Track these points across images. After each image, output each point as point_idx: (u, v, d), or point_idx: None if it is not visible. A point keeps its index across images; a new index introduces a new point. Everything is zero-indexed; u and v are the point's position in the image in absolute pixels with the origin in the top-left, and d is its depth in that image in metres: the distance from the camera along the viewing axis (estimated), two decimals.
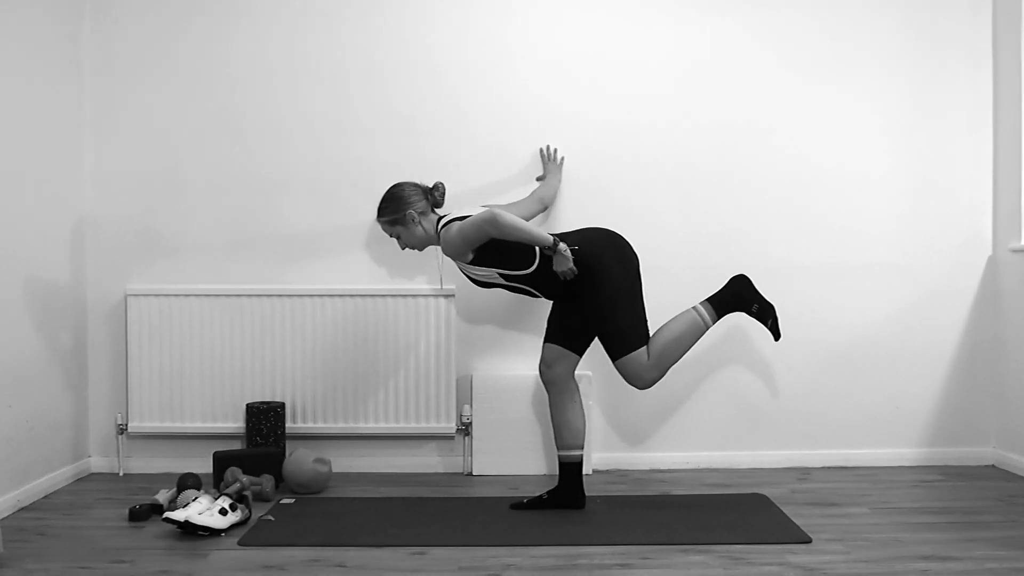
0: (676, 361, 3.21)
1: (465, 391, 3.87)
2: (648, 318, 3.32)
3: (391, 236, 3.35)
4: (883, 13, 3.89)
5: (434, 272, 3.85)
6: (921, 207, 3.92)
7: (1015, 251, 3.76)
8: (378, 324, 3.78)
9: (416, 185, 3.32)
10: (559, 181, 3.79)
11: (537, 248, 3.16)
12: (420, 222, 3.28)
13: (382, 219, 3.31)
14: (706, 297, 3.28)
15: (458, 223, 3.17)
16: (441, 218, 3.30)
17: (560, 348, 3.28)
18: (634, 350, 3.15)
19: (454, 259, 3.23)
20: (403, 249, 3.38)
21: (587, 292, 3.15)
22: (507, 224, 3.03)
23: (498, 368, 3.88)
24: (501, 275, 3.20)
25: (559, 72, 3.87)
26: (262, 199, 3.87)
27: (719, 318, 3.24)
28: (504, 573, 2.61)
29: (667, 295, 3.88)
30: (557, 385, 3.28)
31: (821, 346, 3.91)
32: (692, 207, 3.89)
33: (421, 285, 3.84)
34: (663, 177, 3.89)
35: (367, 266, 3.87)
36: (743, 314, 3.88)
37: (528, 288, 3.24)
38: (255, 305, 3.78)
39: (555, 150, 3.82)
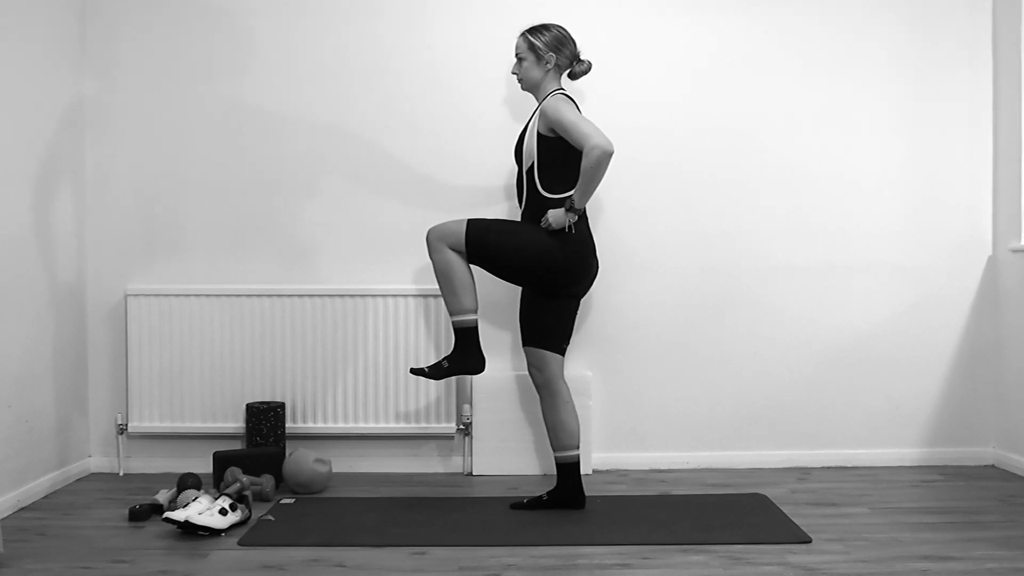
0: (434, 268, 3.18)
1: (465, 391, 3.87)
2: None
3: (517, 55, 3.30)
4: (883, 13, 3.89)
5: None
6: (921, 207, 3.92)
7: (1015, 251, 3.76)
8: (378, 324, 3.78)
9: (574, 43, 3.31)
10: None
11: (567, 194, 3.17)
12: (549, 71, 3.27)
13: (528, 36, 3.27)
14: (475, 327, 3.19)
15: (577, 112, 3.12)
16: (562, 88, 3.28)
17: (540, 350, 3.28)
18: (466, 237, 3.15)
19: (540, 118, 3.18)
20: (512, 73, 3.34)
21: (536, 227, 3.18)
22: (603, 166, 2.99)
23: (498, 368, 3.88)
24: (533, 167, 3.19)
25: None
26: (262, 199, 3.87)
27: (455, 330, 3.19)
28: (504, 573, 2.61)
29: (667, 295, 3.89)
30: (548, 387, 3.28)
31: (821, 346, 3.91)
32: (692, 207, 3.89)
33: (422, 285, 3.84)
34: (663, 177, 3.89)
35: (367, 266, 3.87)
36: (747, 312, 3.89)
37: (522, 195, 3.26)
38: (255, 305, 3.78)
39: None
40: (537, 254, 3.14)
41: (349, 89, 3.86)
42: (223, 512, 2.98)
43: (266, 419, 3.66)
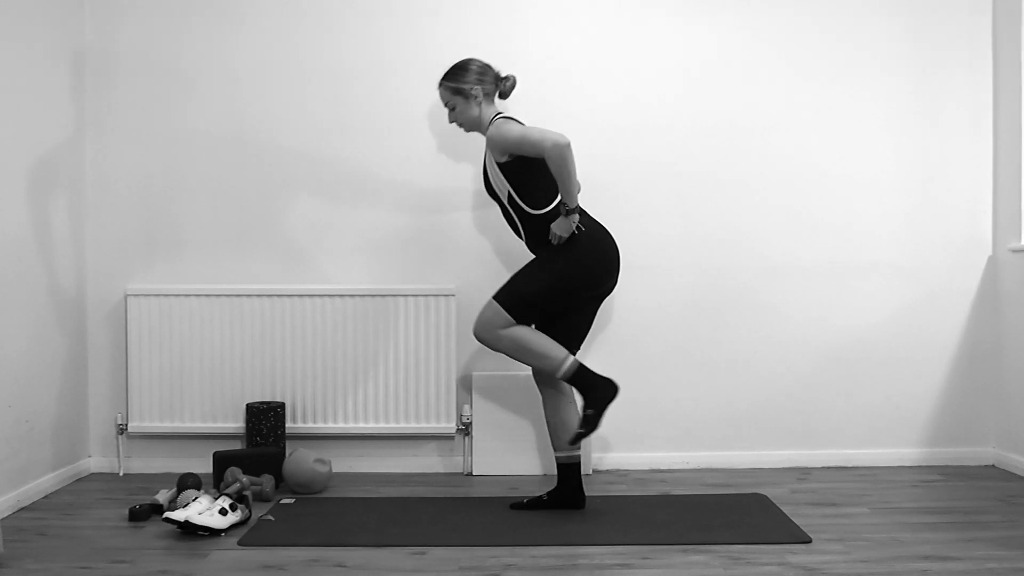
0: (508, 356, 3.17)
1: (465, 391, 3.87)
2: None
3: (446, 105, 3.28)
4: (883, 13, 3.89)
5: (435, 272, 3.85)
6: (921, 207, 3.93)
7: (1015, 251, 3.76)
8: (378, 324, 3.78)
9: (491, 67, 3.27)
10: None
11: (555, 201, 3.15)
12: (481, 103, 3.24)
13: (447, 83, 3.24)
14: (581, 363, 3.15)
15: (520, 125, 3.12)
16: (500, 112, 3.27)
17: None
18: (505, 310, 3.12)
19: (491, 151, 3.16)
20: (451, 123, 3.30)
21: (548, 255, 3.15)
22: (568, 159, 2.98)
23: (498, 368, 3.88)
24: (510, 197, 3.18)
25: (559, 73, 3.87)
26: (262, 199, 3.87)
27: (567, 381, 3.14)
28: (504, 573, 2.61)
29: (666, 295, 3.89)
30: (550, 387, 3.28)
31: (821, 346, 3.91)
32: (692, 207, 3.89)
33: (421, 285, 3.84)
34: (663, 177, 3.89)
35: (367, 266, 3.88)
36: (746, 312, 3.89)
37: (519, 224, 3.23)
38: (255, 305, 3.78)
39: None
40: (569, 275, 3.13)
41: (349, 89, 3.86)
42: (223, 512, 2.98)
43: (266, 419, 3.66)
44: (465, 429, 3.82)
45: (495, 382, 3.79)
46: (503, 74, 3.31)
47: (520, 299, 3.13)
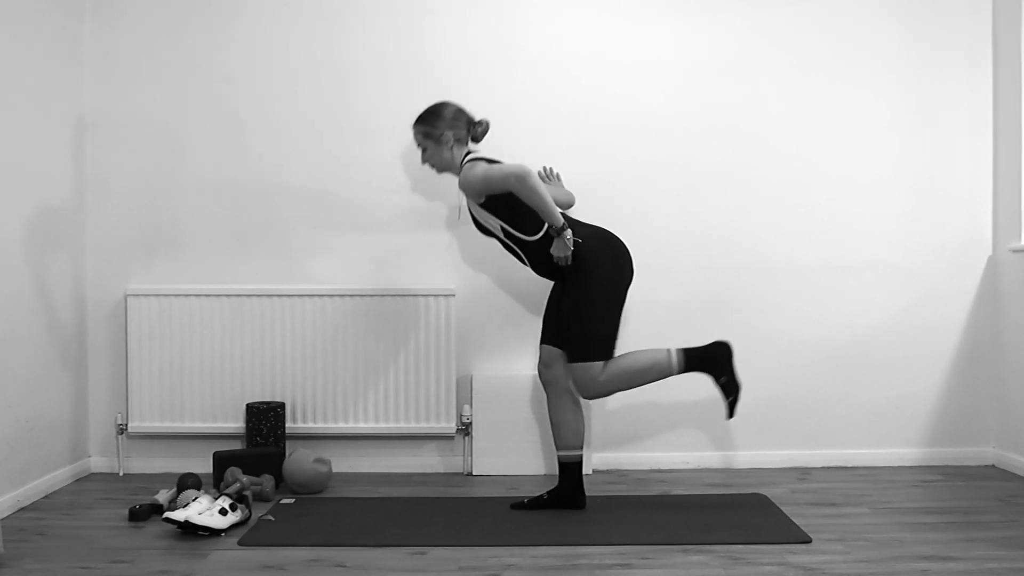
0: (625, 390, 3.18)
1: (465, 391, 3.87)
2: (619, 336, 3.27)
3: (419, 146, 3.30)
4: (883, 13, 3.90)
5: (435, 272, 3.86)
6: (921, 207, 3.93)
7: (1015, 251, 3.76)
8: (378, 324, 3.78)
9: (463, 111, 3.29)
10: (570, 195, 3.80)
11: (546, 226, 3.16)
12: (452, 147, 3.25)
13: (419, 126, 3.27)
14: (683, 347, 3.21)
15: (485, 164, 3.14)
16: (470, 152, 3.28)
17: (557, 349, 3.28)
18: (593, 361, 3.13)
19: (467, 195, 3.19)
20: (423, 163, 3.32)
21: (572, 286, 3.14)
22: (533, 186, 3.00)
23: (498, 368, 3.88)
24: (503, 230, 3.20)
25: (559, 72, 3.87)
26: (262, 199, 3.87)
27: (685, 372, 3.18)
28: (504, 573, 2.61)
29: (667, 295, 3.89)
30: (555, 385, 3.28)
31: (821, 346, 3.91)
32: (692, 207, 3.90)
33: (421, 285, 3.84)
34: (663, 177, 3.89)
35: (367, 266, 3.87)
36: (747, 312, 3.89)
37: (521, 254, 3.24)
38: (255, 305, 3.78)
39: (551, 168, 3.81)
40: (606, 287, 3.13)
41: (348, 89, 3.86)
42: (223, 512, 2.98)
43: (266, 419, 3.66)
44: (465, 429, 3.82)
45: (495, 382, 3.79)
46: (476, 118, 3.35)
47: (593, 341, 3.12)
